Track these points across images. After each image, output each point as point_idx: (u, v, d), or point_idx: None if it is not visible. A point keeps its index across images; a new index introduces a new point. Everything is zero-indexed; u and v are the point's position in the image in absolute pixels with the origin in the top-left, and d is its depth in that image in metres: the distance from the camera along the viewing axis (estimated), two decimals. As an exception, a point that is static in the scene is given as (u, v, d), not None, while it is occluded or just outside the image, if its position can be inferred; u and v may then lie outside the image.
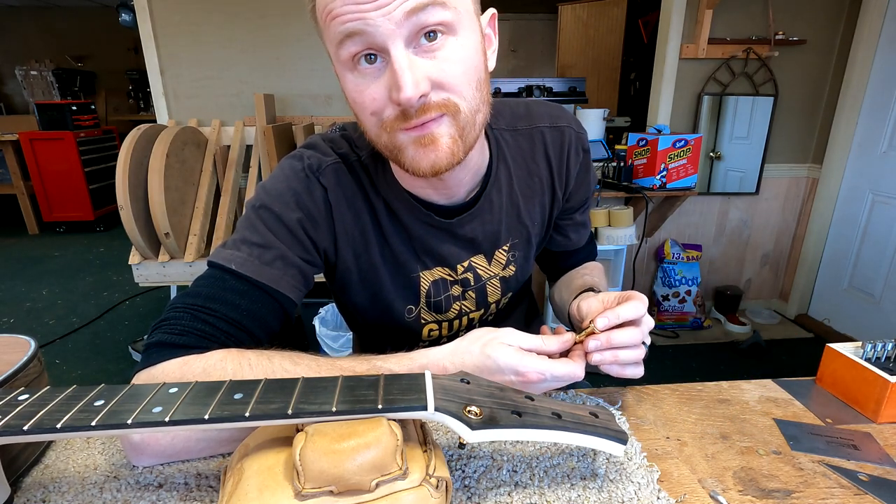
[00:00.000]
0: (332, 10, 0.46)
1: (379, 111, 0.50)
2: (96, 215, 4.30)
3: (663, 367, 2.30)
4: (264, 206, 0.58)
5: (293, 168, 0.60)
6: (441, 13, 0.46)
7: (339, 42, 0.47)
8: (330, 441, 0.34)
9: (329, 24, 0.47)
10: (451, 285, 0.69)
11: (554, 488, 0.45)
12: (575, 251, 0.79)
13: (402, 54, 0.46)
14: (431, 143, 0.50)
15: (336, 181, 0.61)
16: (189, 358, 0.49)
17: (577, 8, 3.54)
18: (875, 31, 2.20)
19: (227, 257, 0.56)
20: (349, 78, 0.50)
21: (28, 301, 2.93)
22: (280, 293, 0.56)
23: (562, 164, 0.69)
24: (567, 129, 0.68)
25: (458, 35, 0.48)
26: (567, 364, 0.50)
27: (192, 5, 2.31)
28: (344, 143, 0.63)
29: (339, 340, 1.96)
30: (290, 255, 0.58)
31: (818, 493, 0.45)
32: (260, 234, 0.57)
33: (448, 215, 0.63)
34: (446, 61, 0.48)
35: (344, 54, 0.48)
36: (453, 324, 0.73)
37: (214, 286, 0.54)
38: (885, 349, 0.58)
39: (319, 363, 0.50)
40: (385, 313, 0.69)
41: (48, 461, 0.49)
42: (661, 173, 2.17)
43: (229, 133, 2.43)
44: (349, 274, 0.66)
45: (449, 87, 0.49)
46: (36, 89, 5.36)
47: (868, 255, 2.35)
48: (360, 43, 0.46)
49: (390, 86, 0.47)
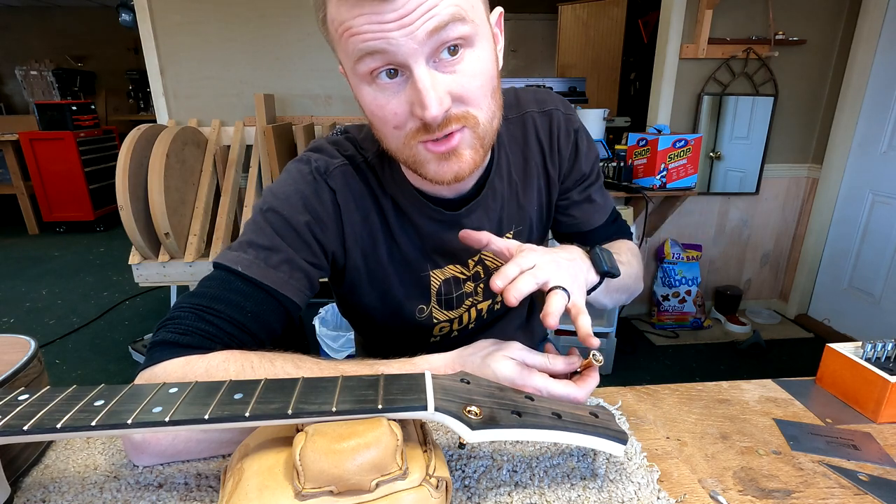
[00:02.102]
0: (352, 28, 0.45)
1: (402, 125, 0.50)
2: (96, 215, 4.31)
3: (663, 367, 2.30)
4: (272, 209, 0.58)
5: (300, 171, 0.61)
6: (461, 28, 0.46)
7: (357, 58, 0.46)
8: (330, 441, 0.34)
9: (347, 40, 0.46)
10: (464, 282, 0.70)
11: (554, 488, 0.45)
12: (590, 232, 0.76)
13: (425, 72, 0.46)
14: (455, 157, 0.51)
15: (344, 183, 0.61)
16: (191, 358, 0.49)
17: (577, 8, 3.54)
18: (875, 31, 2.20)
19: (234, 259, 0.56)
20: (367, 91, 0.50)
21: (28, 301, 2.93)
22: (285, 296, 0.57)
23: (553, 147, 0.69)
24: (555, 111, 0.69)
25: (475, 47, 0.48)
26: (567, 386, 0.49)
27: (192, 5, 2.31)
28: (349, 145, 0.64)
29: (339, 340, 1.96)
30: (297, 258, 0.58)
31: (818, 493, 0.45)
32: (267, 237, 0.57)
33: (455, 207, 0.64)
34: (465, 75, 0.48)
35: (363, 69, 0.47)
36: (462, 317, 0.73)
37: (220, 287, 0.55)
38: (885, 349, 0.58)
39: (321, 366, 0.50)
40: (395, 313, 0.69)
41: (48, 461, 0.49)
42: (661, 173, 2.17)
43: (229, 133, 2.43)
44: (358, 275, 0.66)
45: (468, 100, 0.49)
46: (36, 89, 5.36)
47: (868, 255, 2.35)
48: (381, 60, 0.46)
49: (412, 101, 0.47)
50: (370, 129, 0.66)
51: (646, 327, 2.63)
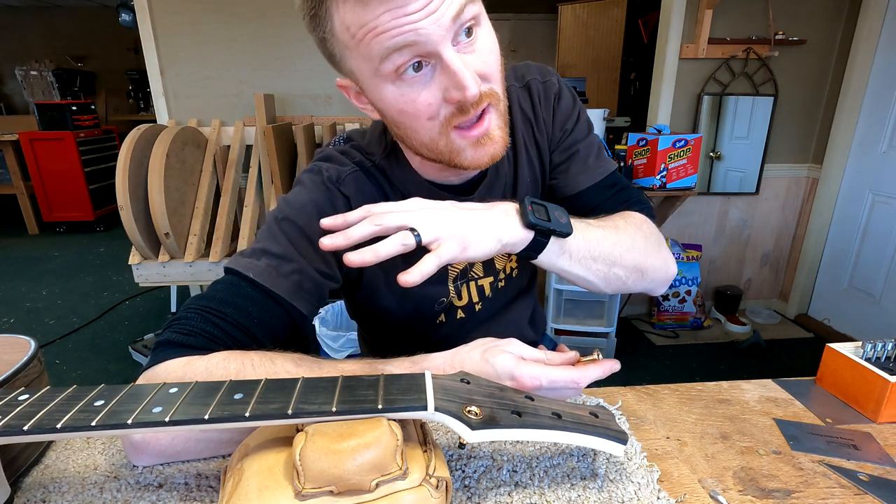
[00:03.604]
0: (378, 27, 0.45)
1: (436, 115, 0.51)
2: (96, 215, 4.31)
3: (663, 367, 2.30)
4: (287, 217, 0.59)
5: (314, 181, 0.62)
6: (473, 8, 0.48)
7: (384, 57, 0.47)
8: (330, 441, 0.34)
9: (371, 42, 0.46)
10: (473, 263, 0.70)
11: (554, 488, 0.45)
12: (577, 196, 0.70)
13: (455, 55, 0.47)
14: (488, 139, 0.53)
15: (357, 189, 0.62)
16: (192, 358, 0.50)
17: (577, 8, 3.53)
18: (875, 31, 2.20)
19: (246, 265, 0.56)
20: (391, 90, 0.50)
21: (28, 301, 2.93)
22: (292, 306, 0.57)
23: (537, 117, 0.70)
24: (532, 81, 0.69)
25: (482, 25, 0.50)
26: (566, 370, 0.49)
27: (192, 5, 2.31)
28: (356, 153, 0.65)
29: (339, 340, 1.96)
30: (309, 269, 0.58)
31: (818, 493, 0.45)
32: (281, 246, 0.57)
33: (467, 191, 0.65)
34: (483, 53, 0.50)
35: (388, 67, 0.48)
36: (462, 294, 0.72)
37: (229, 291, 0.55)
38: (885, 349, 0.58)
39: (322, 365, 0.50)
40: (415, 311, 0.70)
41: (48, 461, 0.49)
42: (661, 173, 2.17)
43: (229, 133, 2.43)
44: (377, 279, 0.67)
45: (490, 77, 0.51)
46: (36, 89, 5.36)
47: (868, 254, 2.35)
48: (409, 53, 0.46)
49: (446, 87, 0.48)
50: (374, 131, 0.67)
51: (646, 327, 2.63)
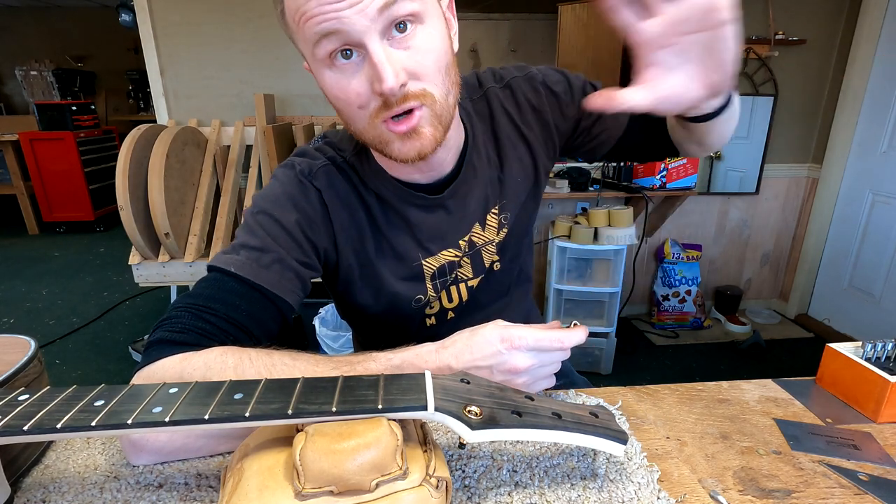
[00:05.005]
0: (307, 12, 0.47)
1: (365, 104, 0.52)
2: (96, 215, 4.30)
3: (663, 367, 2.30)
4: (262, 210, 0.60)
5: (286, 175, 0.63)
6: (410, 5, 0.48)
7: (315, 42, 0.49)
8: (330, 441, 0.34)
9: (303, 26, 0.49)
10: (459, 263, 0.71)
11: (554, 488, 0.45)
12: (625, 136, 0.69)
13: (379, 47, 0.48)
14: (416, 135, 0.53)
15: (328, 182, 0.63)
16: (189, 354, 0.50)
17: (577, 8, 3.53)
18: (875, 31, 2.20)
19: (227, 261, 0.57)
20: (328, 75, 0.52)
21: (28, 301, 2.93)
22: (277, 296, 0.57)
23: (524, 115, 0.70)
24: (513, 80, 0.70)
25: (425, 24, 0.51)
26: (552, 330, 0.50)
27: (192, 5, 2.31)
28: (328, 149, 0.66)
29: (339, 340, 1.96)
30: (288, 258, 0.59)
31: (818, 492, 0.45)
32: (258, 239, 0.58)
33: (438, 191, 0.66)
34: (419, 52, 0.50)
35: (321, 52, 0.50)
36: (452, 295, 0.73)
37: (214, 288, 0.56)
38: (885, 349, 0.58)
39: (317, 359, 0.51)
40: (392, 306, 0.70)
41: (48, 461, 0.49)
42: (661, 173, 2.17)
43: (229, 133, 2.43)
44: (352, 272, 0.67)
45: (423, 76, 0.51)
46: (36, 89, 5.36)
47: (868, 254, 2.35)
48: (336, 40, 0.48)
49: (371, 78, 0.50)
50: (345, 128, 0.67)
51: (646, 327, 2.63)
